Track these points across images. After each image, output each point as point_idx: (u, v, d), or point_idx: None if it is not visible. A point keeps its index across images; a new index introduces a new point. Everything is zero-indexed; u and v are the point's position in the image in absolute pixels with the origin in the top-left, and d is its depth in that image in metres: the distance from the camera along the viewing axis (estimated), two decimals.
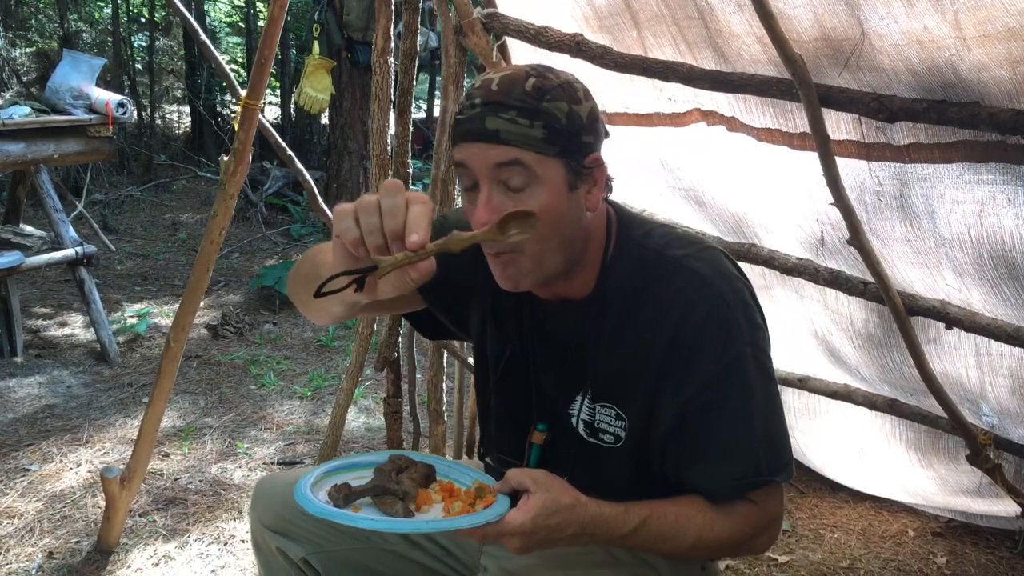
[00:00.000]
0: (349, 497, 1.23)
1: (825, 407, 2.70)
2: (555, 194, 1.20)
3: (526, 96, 1.17)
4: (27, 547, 2.55)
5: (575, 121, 1.19)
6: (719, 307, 1.24)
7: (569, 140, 1.19)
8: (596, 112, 1.24)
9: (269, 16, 2.21)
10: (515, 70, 1.21)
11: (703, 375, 1.24)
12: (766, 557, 2.55)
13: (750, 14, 1.67)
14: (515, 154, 1.17)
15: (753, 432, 1.25)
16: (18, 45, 8.44)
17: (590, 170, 1.24)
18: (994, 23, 1.37)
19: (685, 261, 1.28)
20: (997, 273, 1.76)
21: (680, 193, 2.41)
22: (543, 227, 1.16)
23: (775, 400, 1.28)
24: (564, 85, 1.20)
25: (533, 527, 1.15)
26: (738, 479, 1.25)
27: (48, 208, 4.09)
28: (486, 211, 1.18)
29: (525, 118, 1.16)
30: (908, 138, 1.70)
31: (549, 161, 1.19)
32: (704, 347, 1.24)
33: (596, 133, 1.24)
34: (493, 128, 1.17)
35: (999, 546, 2.63)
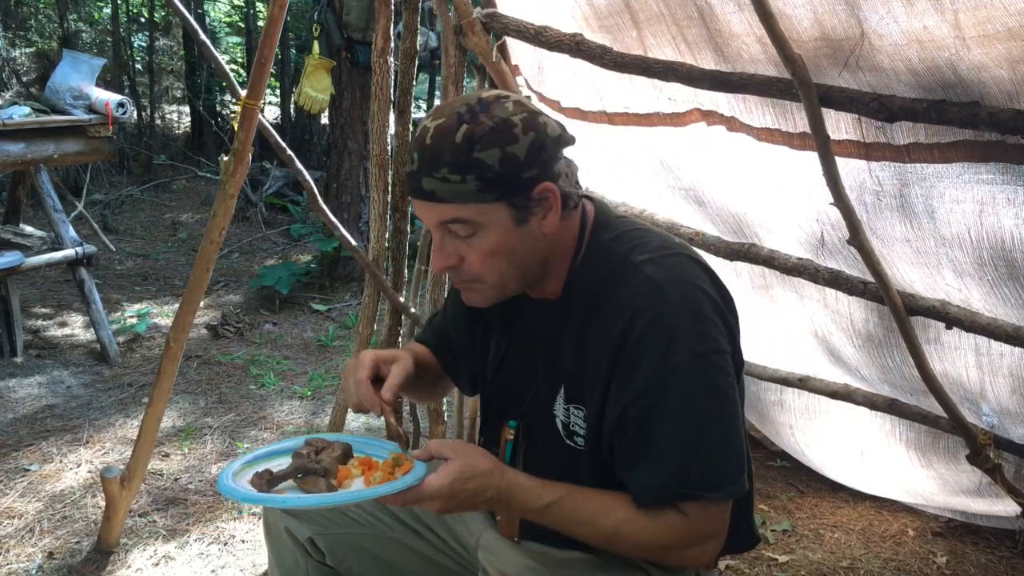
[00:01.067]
0: (272, 482, 1.29)
1: (825, 407, 2.70)
2: (503, 235, 1.25)
3: (456, 150, 1.19)
4: (27, 547, 2.55)
5: (510, 163, 1.20)
6: (664, 314, 1.24)
7: (506, 183, 1.21)
8: (541, 139, 1.23)
9: (269, 16, 2.21)
10: (448, 117, 1.22)
11: (642, 381, 1.24)
12: (766, 556, 2.56)
13: (750, 14, 1.67)
14: (453, 212, 1.23)
15: (685, 443, 1.23)
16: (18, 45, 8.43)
17: (541, 200, 1.25)
18: (994, 23, 1.37)
19: (643, 266, 1.28)
20: (997, 273, 1.76)
21: (680, 193, 2.41)
22: (497, 263, 1.27)
23: (722, 413, 1.26)
24: (497, 128, 1.20)
25: (451, 491, 1.21)
26: (662, 488, 1.24)
27: (48, 208, 4.09)
28: (439, 258, 1.30)
29: (456, 174, 1.20)
30: (908, 138, 1.70)
31: (490, 207, 1.23)
32: (646, 353, 1.24)
33: (541, 163, 1.24)
34: (429, 189, 1.22)
35: (999, 546, 2.63)
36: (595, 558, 1.37)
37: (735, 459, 1.27)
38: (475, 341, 1.55)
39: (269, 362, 4.25)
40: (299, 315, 5.06)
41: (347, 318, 4.97)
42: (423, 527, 1.59)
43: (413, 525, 1.59)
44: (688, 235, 2.47)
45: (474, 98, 1.24)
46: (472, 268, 1.29)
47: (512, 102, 1.24)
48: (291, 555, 1.60)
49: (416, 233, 2.75)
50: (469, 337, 1.57)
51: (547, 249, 1.32)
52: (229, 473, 1.31)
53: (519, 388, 1.45)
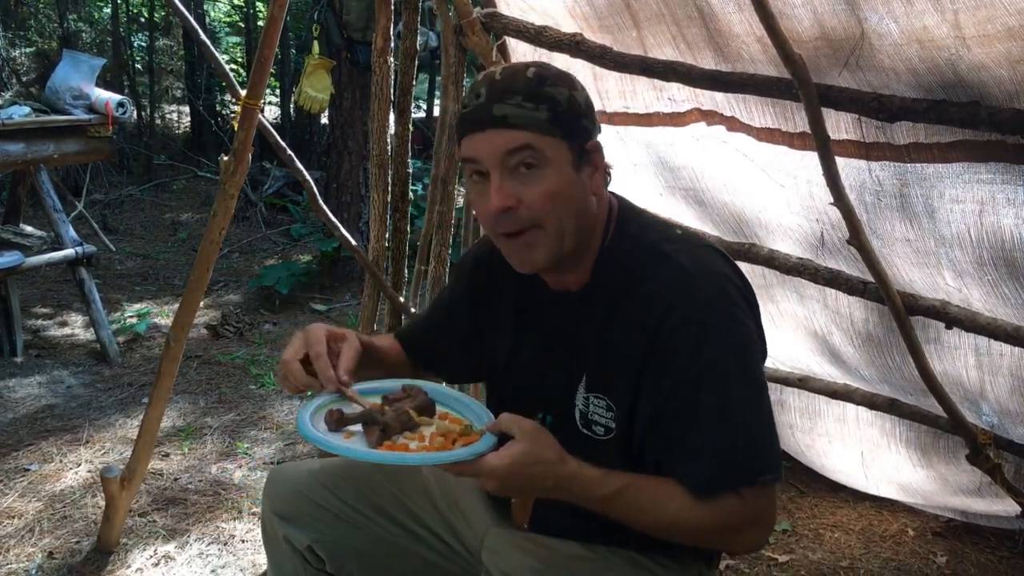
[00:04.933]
0: (341, 422, 1.28)
1: (825, 407, 2.70)
2: (564, 174, 1.26)
3: (529, 83, 1.24)
4: (27, 547, 2.55)
5: (575, 105, 1.27)
6: (699, 304, 1.25)
7: (571, 122, 1.26)
8: (591, 102, 1.31)
9: (269, 16, 2.21)
10: (515, 64, 1.30)
11: (680, 372, 1.25)
12: (766, 556, 2.55)
13: (750, 14, 1.67)
14: (524, 138, 1.23)
15: (733, 430, 1.24)
16: (18, 45, 8.43)
17: (591, 154, 1.30)
18: (994, 23, 1.38)
19: (673, 255, 1.30)
20: (997, 273, 1.76)
21: (680, 193, 2.41)
22: (557, 206, 1.26)
23: (758, 401, 1.27)
24: (562, 74, 1.29)
25: (508, 472, 1.18)
26: (717, 477, 1.24)
27: (48, 208, 4.09)
28: (499, 197, 1.25)
29: (530, 101, 1.23)
30: (908, 138, 1.70)
31: (555, 142, 1.25)
32: (682, 344, 1.25)
33: (593, 120, 1.31)
34: (501, 114, 1.23)
35: (999, 546, 2.63)
36: (599, 556, 1.37)
37: (773, 441, 1.28)
38: (481, 331, 1.55)
39: (269, 362, 4.25)
40: (299, 315, 5.06)
41: (347, 318, 4.97)
42: (425, 531, 1.58)
43: (415, 529, 1.58)
44: None
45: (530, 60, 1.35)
46: (531, 209, 1.26)
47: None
48: (290, 563, 1.58)
49: (416, 233, 2.75)
50: (472, 327, 1.56)
51: (593, 216, 1.33)
52: (313, 405, 1.31)
53: (538, 380, 1.44)
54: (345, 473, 1.59)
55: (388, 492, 1.59)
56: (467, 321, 1.57)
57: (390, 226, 2.52)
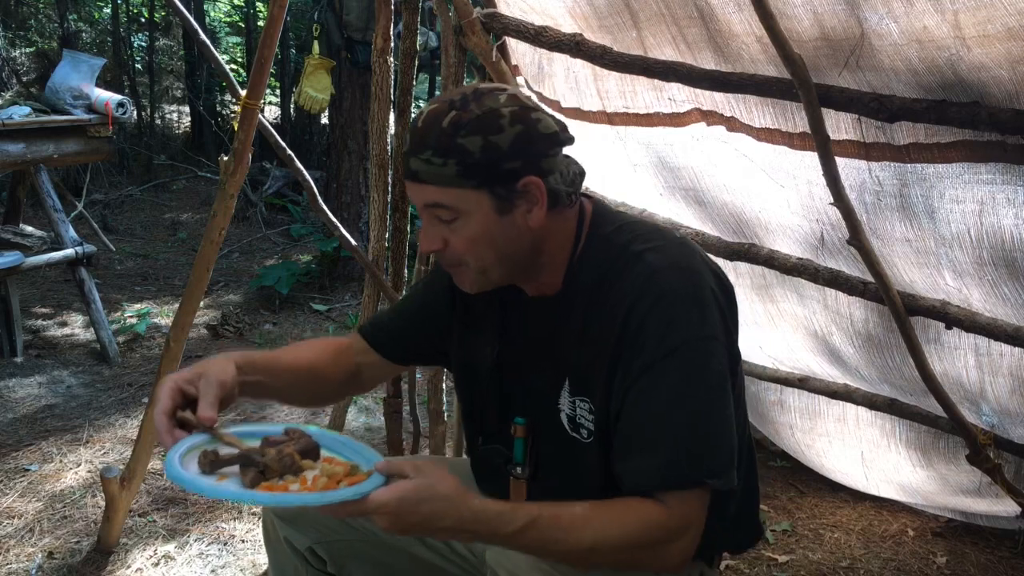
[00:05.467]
0: (216, 464, 1.24)
1: (825, 407, 2.70)
2: (483, 221, 1.26)
3: (441, 134, 1.22)
4: (27, 547, 2.55)
5: (492, 152, 1.22)
6: (665, 297, 1.25)
7: (488, 171, 1.23)
8: (529, 133, 1.24)
9: (269, 16, 2.20)
10: (440, 103, 1.25)
11: (640, 365, 1.25)
12: (766, 556, 2.55)
13: (750, 14, 1.67)
14: (434, 194, 1.25)
15: (680, 427, 1.22)
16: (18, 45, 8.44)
17: (524, 193, 1.26)
18: (994, 23, 1.38)
19: (644, 254, 1.30)
20: (997, 273, 1.76)
21: (680, 193, 2.41)
22: (479, 249, 1.29)
23: (719, 399, 1.25)
24: (483, 117, 1.22)
25: (398, 508, 1.14)
26: (653, 474, 1.23)
27: (48, 208, 4.09)
28: (425, 242, 1.32)
29: (439, 157, 1.22)
30: (908, 138, 1.70)
31: (468, 193, 1.24)
32: (646, 334, 1.25)
33: (527, 156, 1.25)
34: (414, 169, 1.25)
35: (999, 546, 2.63)
36: None
37: (727, 449, 1.26)
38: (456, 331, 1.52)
39: None
40: (299, 315, 5.06)
41: (347, 318, 4.97)
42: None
43: None
44: (688, 235, 2.47)
45: (471, 88, 1.27)
46: (455, 252, 1.30)
47: (507, 95, 1.26)
48: (291, 564, 1.58)
49: (416, 233, 2.75)
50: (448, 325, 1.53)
51: (535, 243, 1.32)
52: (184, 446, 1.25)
53: (520, 386, 1.44)
54: None
55: None
56: (444, 319, 1.54)
57: (390, 226, 2.52)
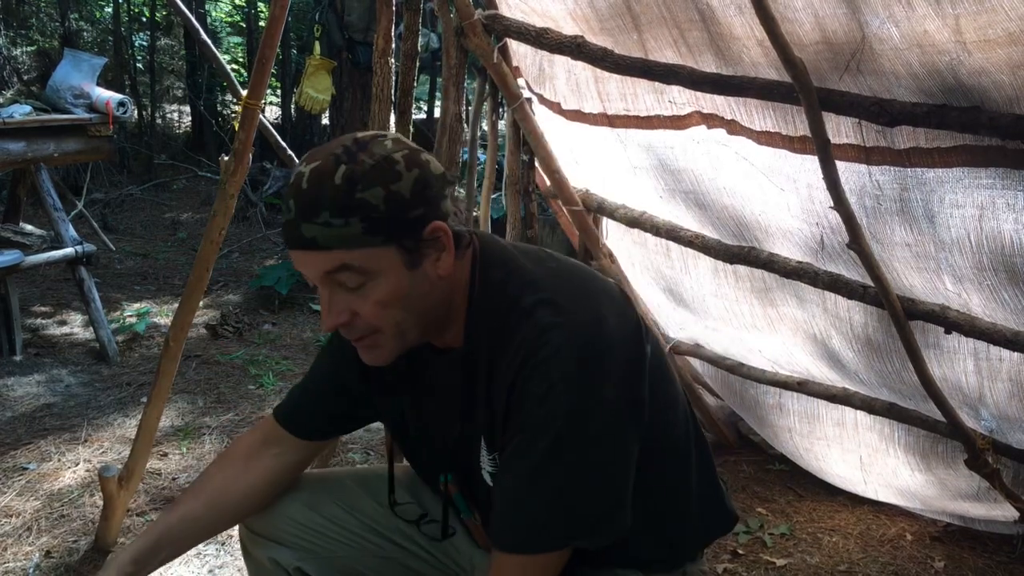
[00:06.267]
0: None
1: (824, 411, 2.70)
2: (395, 280, 1.15)
3: (336, 192, 1.09)
4: (24, 546, 2.55)
5: (396, 202, 1.11)
6: (548, 362, 1.15)
7: (394, 224, 1.12)
8: (425, 176, 1.14)
9: (270, 16, 2.21)
10: (323, 159, 1.12)
11: (517, 429, 1.20)
12: (764, 560, 2.55)
13: (751, 17, 1.67)
14: (339, 258, 1.12)
15: (534, 494, 1.18)
16: (19, 44, 8.44)
17: (432, 240, 1.16)
18: (995, 28, 1.38)
19: (534, 310, 1.19)
20: (996, 278, 1.76)
21: (680, 196, 2.41)
22: (394, 311, 1.17)
23: (594, 467, 1.18)
24: (379, 165, 1.11)
25: None
26: (501, 537, 1.21)
27: (48, 207, 4.09)
28: (330, 317, 1.17)
29: (339, 217, 1.09)
30: (908, 142, 1.70)
31: (379, 251, 1.13)
32: (524, 401, 1.17)
33: (428, 201, 1.14)
34: (310, 236, 1.11)
35: (997, 551, 2.63)
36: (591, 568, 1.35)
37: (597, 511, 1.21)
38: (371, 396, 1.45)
39: (268, 362, 4.25)
40: (298, 315, 5.06)
41: None
42: (415, 545, 1.55)
43: (406, 545, 1.55)
44: (688, 238, 2.47)
45: (349, 139, 1.15)
46: (367, 320, 1.18)
47: (391, 140, 1.16)
48: None
49: None
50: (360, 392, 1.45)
51: (445, 293, 1.23)
52: None
53: (439, 442, 1.38)
54: (324, 491, 1.55)
55: (372, 508, 1.54)
56: (357, 386, 1.44)
57: None
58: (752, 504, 2.88)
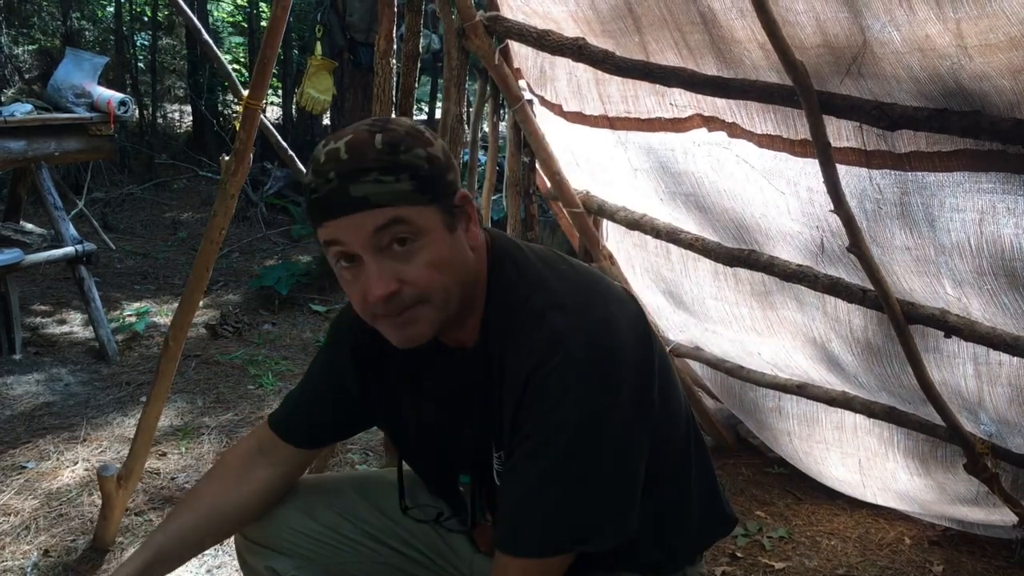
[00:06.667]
0: None
1: (823, 414, 2.70)
2: (441, 240, 1.16)
3: (380, 154, 1.12)
4: (23, 545, 2.55)
5: (436, 163, 1.16)
6: (560, 368, 1.15)
7: (437, 184, 1.16)
8: (447, 149, 1.21)
9: (272, 16, 2.21)
10: (355, 133, 1.15)
11: (528, 432, 1.20)
12: (762, 563, 2.55)
13: (752, 20, 1.67)
14: (391, 213, 1.12)
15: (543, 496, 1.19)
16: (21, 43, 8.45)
17: (461, 208, 1.20)
18: (996, 32, 1.38)
19: (546, 313, 1.19)
20: (996, 282, 1.76)
21: (681, 198, 2.41)
22: (442, 275, 1.16)
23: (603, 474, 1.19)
24: (411, 132, 1.16)
25: None
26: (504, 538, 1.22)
27: (48, 206, 4.09)
28: (381, 284, 1.14)
29: (389, 174, 1.11)
30: (909, 146, 1.70)
31: (425, 210, 1.14)
32: (536, 407, 1.17)
33: (455, 169, 1.21)
34: (360, 195, 1.11)
35: (996, 555, 2.62)
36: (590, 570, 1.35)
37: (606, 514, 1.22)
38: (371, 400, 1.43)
39: (268, 362, 4.25)
40: (298, 315, 5.06)
41: None
42: (415, 551, 1.54)
43: (403, 550, 1.54)
44: (689, 240, 2.47)
45: (368, 119, 1.19)
46: (416, 286, 1.16)
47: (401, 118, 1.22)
48: None
49: None
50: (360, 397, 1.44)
51: (476, 269, 1.24)
52: None
53: (453, 443, 1.38)
54: (322, 497, 1.54)
55: (371, 513, 1.54)
56: (353, 391, 1.43)
57: None
58: (751, 507, 2.88)
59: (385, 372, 1.39)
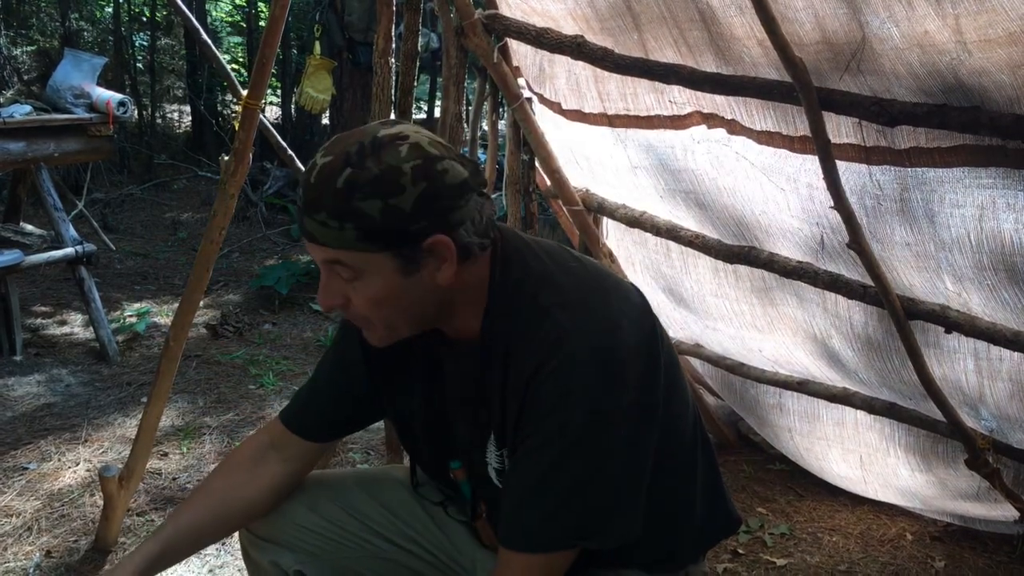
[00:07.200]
0: None
1: (824, 411, 2.70)
2: (386, 283, 1.17)
3: (336, 196, 1.11)
4: (25, 546, 2.55)
5: (394, 216, 1.11)
6: (565, 367, 1.17)
7: (389, 235, 1.13)
8: (434, 189, 1.12)
9: (270, 16, 2.21)
10: (335, 155, 1.13)
11: (532, 429, 1.21)
12: (764, 560, 2.55)
13: (751, 17, 1.67)
14: (332, 255, 1.16)
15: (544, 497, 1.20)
16: (19, 44, 8.44)
17: (431, 252, 1.16)
18: (995, 28, 1.38)
19: (551, 311, 1.20)
20: (996, 277, 1.76)
21: (680, 196, 2.41)
22: (383, 310, 1.21)
23: (606, 472, 1.20)
24: (382, 176, 1.10)
25: None
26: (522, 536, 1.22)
27: (48, 207, 4.09)
28: (324, 296, 1.23)
29: (335, 220, 1.12)
30: (908, 142, 1.70)
31: (371, 256, 1.15)
32: (540, 406, 1.18)
33: (434, 214, 1.13)
34: (309, 230, 1.16)
35: (997, 550, 2.63)
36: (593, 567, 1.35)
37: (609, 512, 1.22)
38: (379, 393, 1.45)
39: (268, 362, 4.25)
40: (298, 315, 5.06)
41: None
42: (420, 548, 1.55)
43: (407, 546, 1.55)
44: (688, 237, 2.47)
45: (370, 136, 1.14)
46: (357, 312, 1.23)
47: (409, 145, 1.13)
48: None
49: None
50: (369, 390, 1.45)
51: (445, 296, 1.23)
52: None
53: (450, 432, 1.40)
54: (326, 493, 1.55)
55: (374, 510, 1.55)
56: (362, 384, 1.45)
57: None
58: (752, 504, 2.88)
59: (391, 365, 1.40)
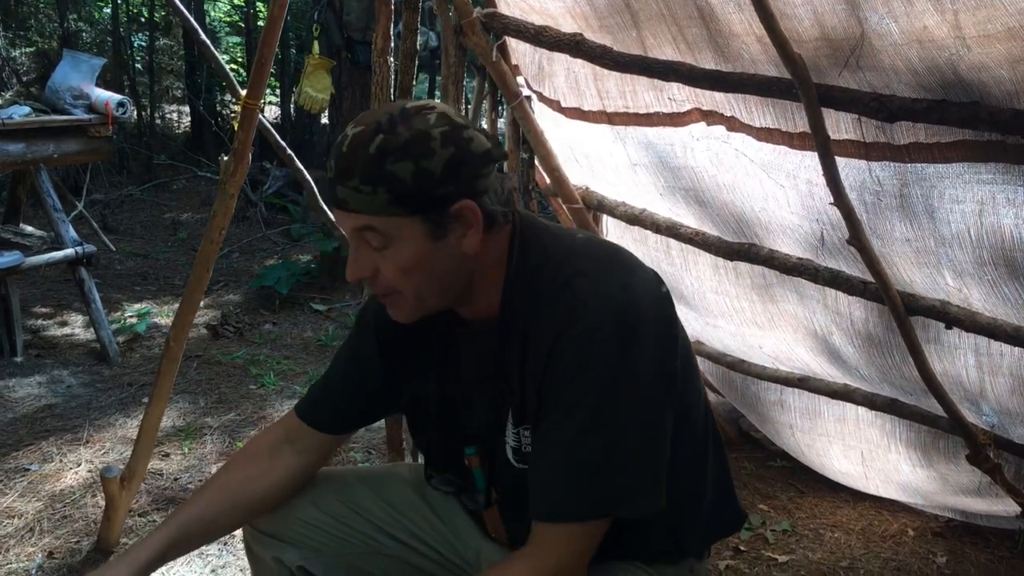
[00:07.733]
0: None
1: (825, 407, 2.70)
2: (417, 249, 1.20)
3: (368, 161, 1.15)
4: (27, 547, 2.55)
5: (424, 179, 1.15)
6: (585, 335, 1.19)
7: (420, 197, 1.16)
8: (461, 155, 1.17)
9: (269, 16, 2.21)
10: (366, 126, 1.18)
11: (554, 400, 1.23)
12: (765, 556, 2.56)
13: (750, 14, 1.67)
14: (363, 220, 1.19)
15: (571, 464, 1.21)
16: (18, 45, 8.43)
17: (458, 217, 1.20)
18: (994, 23, 1.38)
19: (571, 282, 1.23)
20: (997, 273, 1.76)
21: (680, 193, 2.41)
22: (412, 278, 1.22)
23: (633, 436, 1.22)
24: (413, 140, 1.15)
25: None
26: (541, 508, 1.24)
27: (48, 208, 4.09)
28: (352, 270, 1.25)
29: (368, 185, 1.15)
30: (908, 138, 1.70)
31: (403, 220, 1.18)
32: (563, 371, 1.21)
33: (461, 179, 1.18)
34: (342, 198, 1.19)
35: (999, 546, 2.63)
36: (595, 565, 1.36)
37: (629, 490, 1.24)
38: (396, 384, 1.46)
39: (269, 362, 4.25)
40: (299, 315, 5.06)
41: (347, 318, 4.97)
42: (423, 544, 1.55)
43: (411, 543, 1.55)
44: (688, 235, 2.47)
45: (398, 108, 1.19)
46: (387, 281, 1.24)
47: (436, 114, 1.18)
48: None
49: None
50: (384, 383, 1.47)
51: (470, 267, 1.26)
52: None
53: (468, 417, 1.40)
54: (330, 489, 1.55)
55: (378, 506, 1.55)
56: (378, 376, 1.46)
57: None
58: (754, 501, 2.89)
59: (408, 354, 1.42)
